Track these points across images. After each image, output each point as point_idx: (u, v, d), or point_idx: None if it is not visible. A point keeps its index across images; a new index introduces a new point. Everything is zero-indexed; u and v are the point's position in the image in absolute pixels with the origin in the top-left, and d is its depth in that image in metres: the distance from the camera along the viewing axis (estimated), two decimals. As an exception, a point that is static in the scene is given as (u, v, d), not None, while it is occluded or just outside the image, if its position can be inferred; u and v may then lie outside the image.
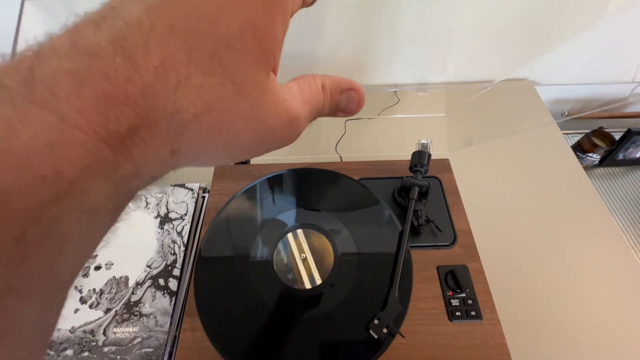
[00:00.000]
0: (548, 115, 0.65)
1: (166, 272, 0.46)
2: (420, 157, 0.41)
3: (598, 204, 0.52)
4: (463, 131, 0.47)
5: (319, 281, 0.35)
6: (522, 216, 0.43)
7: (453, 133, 0.48)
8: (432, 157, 0.43)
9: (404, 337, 0.31)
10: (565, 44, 0.65)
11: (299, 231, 0.39)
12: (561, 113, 0.75)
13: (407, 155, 0.45)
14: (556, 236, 0.47)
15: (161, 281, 0.45)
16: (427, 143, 0.43)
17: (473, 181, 0.47)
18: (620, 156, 0.73)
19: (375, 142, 0.56)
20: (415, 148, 0.46)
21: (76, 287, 0.46)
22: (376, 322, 0.31)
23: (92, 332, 0.42)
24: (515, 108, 0.67)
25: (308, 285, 0.35)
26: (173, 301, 0.43)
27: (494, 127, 0.62)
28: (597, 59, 0.69)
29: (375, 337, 0.31)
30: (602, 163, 0.75)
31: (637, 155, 0.73)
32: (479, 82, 0.73)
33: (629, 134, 0.68)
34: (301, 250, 0.37)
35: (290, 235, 0.38)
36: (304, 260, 0.37)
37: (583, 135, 0.73)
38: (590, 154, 0.71)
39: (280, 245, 0.38)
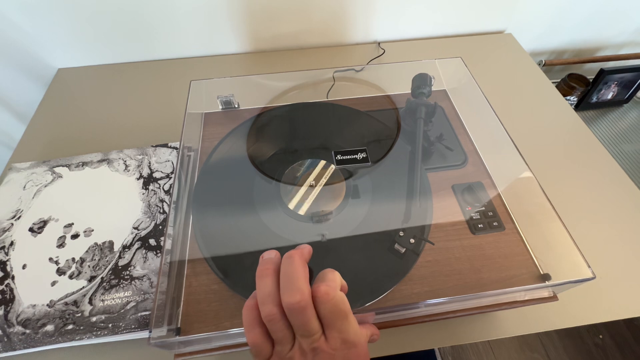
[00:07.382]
0: (533, 64, 0.67)
1: (157, 232, 0.41)
2: (422, 79, 0.39)
3: (590, 137, 0.54)
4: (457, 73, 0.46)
5: (333, 207, 0.33)
6: (522, 150, 0.42)
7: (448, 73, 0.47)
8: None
9: (433, 244, 0.29)
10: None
11: (306, 161, 0.36)
12: (538, 63, 0.77)
13: (405, 90, 0.43)
14: (553, 167, 0.49)
15: (152, 241, 0.40)
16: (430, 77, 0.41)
17: (472, 117, 0.45)
18: (594, 99, 0.76)
19: (368, 87, 0.54)
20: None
21: (51, 258, 0.40)
22: (401, 234, 0.29)
23: (75, 303, 0.37)
24: (499, 58, 0.68)
25: (324, 208, 0.32)
26: (169, 259, 0.39)
27: (485, 75, 0.62)
28: (568, 7, 0.71)
29: (402, 250, 0.29)
30: (577, 107, 0.78)
31: (609, 97, 0.76)
32: (460, 35, 0.73)
33: (601, 74, 0.71)
34: (310, 178, 0.34)
35: (294, 166, 0.35)
36: (313, 187, 0.34)
37: (559, 81, 0.76)
38: (568, 97, 0.74)
39: (286, 172, 0.35)
